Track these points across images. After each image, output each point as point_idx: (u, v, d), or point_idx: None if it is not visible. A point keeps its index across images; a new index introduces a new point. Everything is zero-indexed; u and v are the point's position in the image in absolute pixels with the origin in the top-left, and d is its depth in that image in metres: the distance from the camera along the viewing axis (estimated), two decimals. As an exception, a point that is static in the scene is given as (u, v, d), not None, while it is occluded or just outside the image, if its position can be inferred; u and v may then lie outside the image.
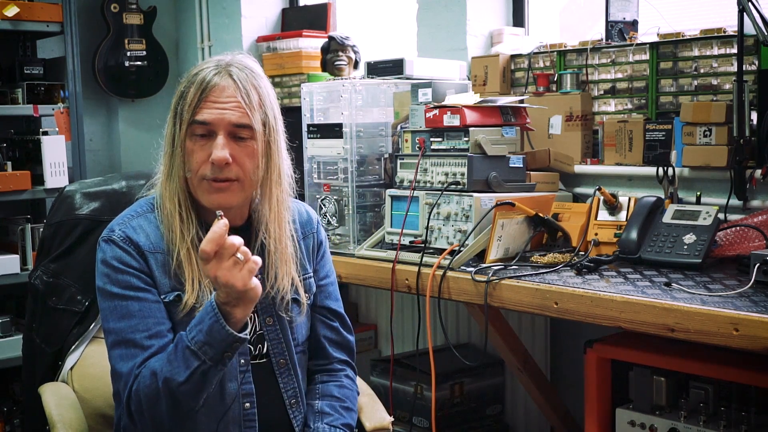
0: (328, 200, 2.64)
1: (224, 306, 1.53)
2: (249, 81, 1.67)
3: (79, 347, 1.99)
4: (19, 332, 3.51)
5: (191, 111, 1.64)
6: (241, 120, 1.64)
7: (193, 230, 1.67)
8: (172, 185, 1.68)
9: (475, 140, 2.33)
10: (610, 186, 2.60)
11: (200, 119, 1.63)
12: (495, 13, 3.20)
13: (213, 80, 1.64)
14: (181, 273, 1.66)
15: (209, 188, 1.65)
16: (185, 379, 1.54)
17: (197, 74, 1.66)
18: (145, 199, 1.77)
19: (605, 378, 2.22)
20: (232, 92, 1.64)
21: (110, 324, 1.65)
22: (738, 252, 2.15)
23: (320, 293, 1.89)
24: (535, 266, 2.20)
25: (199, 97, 1.63)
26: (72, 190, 2.10)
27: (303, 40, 3.73)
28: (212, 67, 1.66)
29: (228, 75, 1.65)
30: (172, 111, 1.69)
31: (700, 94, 2.52)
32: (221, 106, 1.63)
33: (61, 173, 3.54)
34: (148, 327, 1.63)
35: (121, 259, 1.66)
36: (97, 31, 4.06)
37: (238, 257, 1.49)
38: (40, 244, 2.12)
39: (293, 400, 1.78)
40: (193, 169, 1.65)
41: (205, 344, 1.53)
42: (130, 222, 1.70)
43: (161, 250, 1.68)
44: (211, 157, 1.63)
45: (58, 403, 1.87)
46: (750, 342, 1.67)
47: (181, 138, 1.66)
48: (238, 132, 1.65)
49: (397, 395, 2.90)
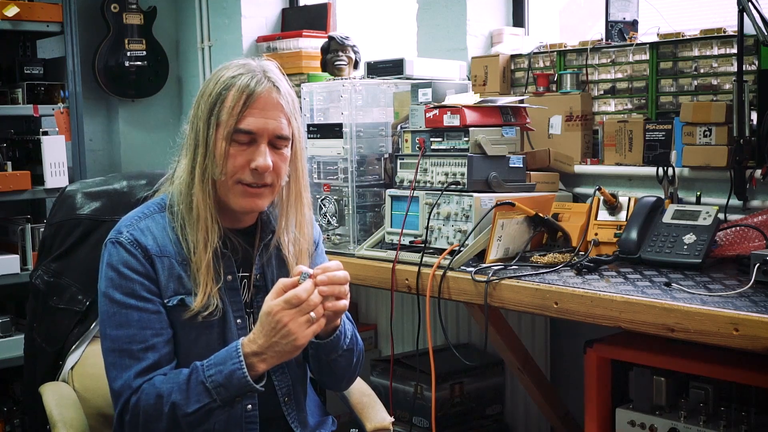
0: (328, 200, 2.64)
1: (253, 357, 1.55)
2: (288, 92, 1.69)
3: (79, 347, 1.99)
4: (19, 332, 3.51)
5: (235, 117, 1.63)
6: (283, 131, 1.67)
7: (217, 238, 1.67)
8: (204, 188, 1.66)
9: (475, 140, 2.33)
10: (610, 186, 2.60)
11: (245, 128, 1.64)
12: (495, 13, 3.20)
13: (257, 89, 1.64)
14: (194, 278, 1.66)
15: (243, 192, 1.67)
16: (193, 411, 1.56)
17: (234, 78, 1.65)
18: (153, 200, 1.76)
19: (605, 378, 2.22)
20: (276, 103, 1.66)
21: (107, 330, 1.66)
22: (738, 252, 2.15)
23: None
24: (535, 266, 2.20)
25: (243, 103, 1.63)
26: (73, 190, 2.10)
27: (303, 40, 3.73)
28: (247, 73, 1.66)
29: (270, 82, 1.66)
30: (205, 112, 1.66)
31: (700, 94, 2.53)
32: (266, 116, 1.65)
33: (61, 173, 3.54)
34: (145, 339, 1.63)
35: (127, 264, 1.65)
36: (97, 31, 4.06)
37: (312, 316, 1.54)
38: (41, 244, 2.12)
39: (287, 398, 1.79)
40: (229, 172, 1.65)
41: (221, 386, 1.55)
42: (138, 224, 1.70)
43: (168, 254, 1.67)
44: (254, 164, 1.64)
45: (58, 403, 1.87)
46: (750, 342, 1.67)
47: (216, 140, 1.64)
48: (278, 142, 1.67)
49: (397, 395, 2.90)
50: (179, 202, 1.69)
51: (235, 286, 1.73)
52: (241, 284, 1.75)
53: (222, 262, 1.69)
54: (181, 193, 1.69)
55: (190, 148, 1.68)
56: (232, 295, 1.73)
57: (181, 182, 1.69)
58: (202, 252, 1.65)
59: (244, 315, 1.74)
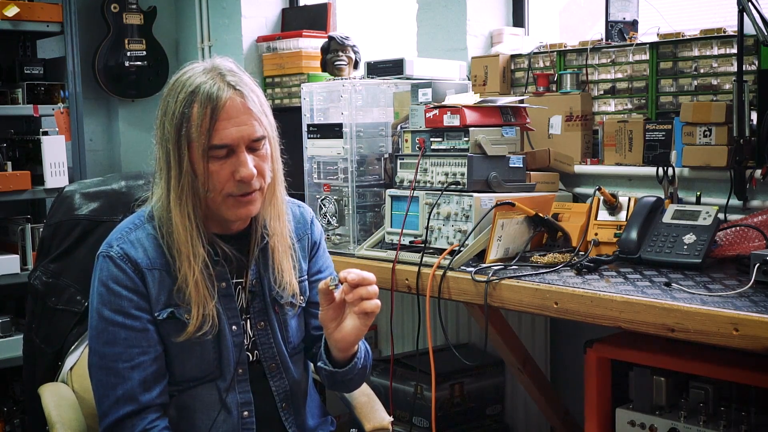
0: (328, 200, 2.64)
1: None
2: (249, 88, 1.63)
3: (78, 347, 1.99)
4: (19, 332, 3.51)
5: (206, 134, 1.58)
6: (257, 133, 1.62)
7: (201, 260, 1.64)
8: (183, 211, 1.62)
9: (475, 140, 2.33)
10: (610, 186, 2.60)
11: (220, 143, 1.59)
12: (495, 13, 3.20)
13: (220, 99, 1.58)
14: (185, 297, 1.63)
15: (236, 203, 1.64)
16: None
17: (193, 94, 1.59)
18: (144, 210, 1.73)
19: (605, 378, 2.22)
20: (241, 106, 1.60)
21: (95, 345, 1.65)
22: (738, 252, 2.15)
23: (313, 289, 1.85)
24: (535, 266, 2.20)
25: (210, 118, 1.57)
26: (71, 191, 2.10)
27: (303, 40, 3.73)
28: (207, 80, 1.60)
29: (230, 87, 1.60)
30: (172, 133, 1.60)
31: (700, 94, 2.52)
32: (237, 123, 1.59)
33: (61, 173, 3.54)
34: (132, 357, 1.62)
35: (116, 279, 1.63)
36: (97, 31, 4.06)
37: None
38: (39, 245, 2.12)
39: (284, 404, 1.78)
40: (217, 188, 1.61)
41: None
42: (128, 236, 1.68)
43: (158, 266, 1.65)
44: (239, 176, 1.60)
45: (57, 404, 1.87)
46: (750, 342, 1.67)
47: (191, 160, 1.60)
48: (254, 144, 1.63)
49: (397, 395, 2.90)
50: (161, 225, 1.66)
51: (230, 293, 1.72)
52: (236, 290, 1.73)
53: (215, 272, 1.67)
54: (162, 217, 1.66)
55: (163, 171, 1.64)
56: (227, 302, 1.71)
57: (161, 206, 1.66)
58: (188, 274, 1.62)
59: (240, 321, 1.73)
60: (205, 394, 1.70)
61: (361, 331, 1.68)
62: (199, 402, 1.70)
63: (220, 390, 1.70)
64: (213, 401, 1.69)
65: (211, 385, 1.70)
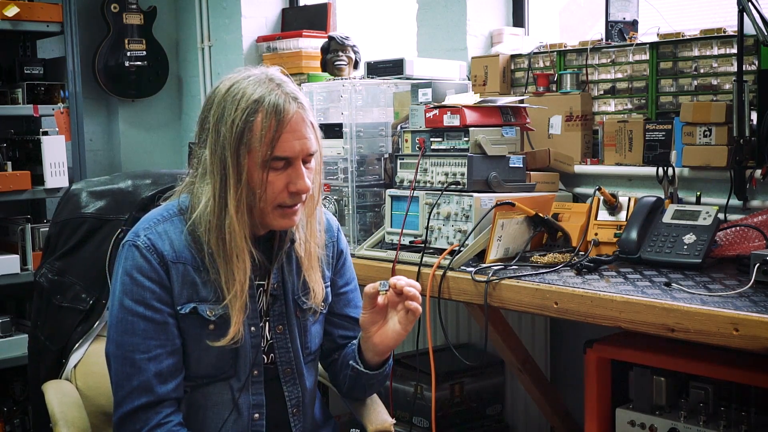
0: (328, 200, 2.64)
1: None
2: (308, 103, 1.66)
3: (82, 345, 1.99)
4: (19, 332, 3.51)
5: (269, 144, 1.58)
6: (313, 147, 1.65)
7: (249, 261, 1.65)
8: (240, 219, 1.61)
9: (475, 140, 2.33)
10: (610, 186, 2.60)
11: (282, 155, 1.60)
12: (495, 13, 3.20)
13: (288, 110, 1.59)
14: (225, 301, 1.63)
15: (283, 214, 1.65)
16: None
17: (257, 102, 1.59)
18: (172, 203, 1.72)
19: (605, 378, 2.22)
20: (303, 120, 1.62)
21: (113, 333, 1.65)
22: (738, 252, 2.15)
23: (339, 301, 1.88)
24: (535, 266, 2.21)
25: (276, 129, 1.58)
26: (78, 189, 2.11)
27: (303, 40, 3.73)
28: (269, 94, 1.60)
29: (293, 100, 1.62)
30: (231, 141, 1.58)
31: (700, 94, 2.53)
32: (299, 137, 1.61)
33: (61, 173, 3.54)
34: (149, 349, 1.62)
35: (141, 270, 1.63)
36: (97, 31, 4.06)
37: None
38: (45, 242, 2.12)
39: (295, 409, 1.78)
40: (269, 199, 1.62)
41: None
42: (156, 227, 1.67)
43: (184, 260, 1.65)
44: (294, 188, 1.62)
45: (60, 401, 1.87)
46: (750, 342, 1.67)
47: (250, 168, 1.60)
48: (308, 158, 1.65)
49: (397, 395, 2.90)
50: (207, 230, 1.63)
51: (252, 294, 1.71)
52: (257, 292, 1.73)
53: None
54: (209, 223, 1.63)
55: (216, 176, 1.61)
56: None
57: (209, 212, 1.63)
58: (239, 290, 1.63)
59: (259, 323, 1.73)
60: (218, 393, 1.70)
61: (401, 336, 1.73)
62: (210, 400, 1.70)
63: (233, 390, 1.70)
64: (225, 401, 1.70)
65: (225, 384, 1.70)
